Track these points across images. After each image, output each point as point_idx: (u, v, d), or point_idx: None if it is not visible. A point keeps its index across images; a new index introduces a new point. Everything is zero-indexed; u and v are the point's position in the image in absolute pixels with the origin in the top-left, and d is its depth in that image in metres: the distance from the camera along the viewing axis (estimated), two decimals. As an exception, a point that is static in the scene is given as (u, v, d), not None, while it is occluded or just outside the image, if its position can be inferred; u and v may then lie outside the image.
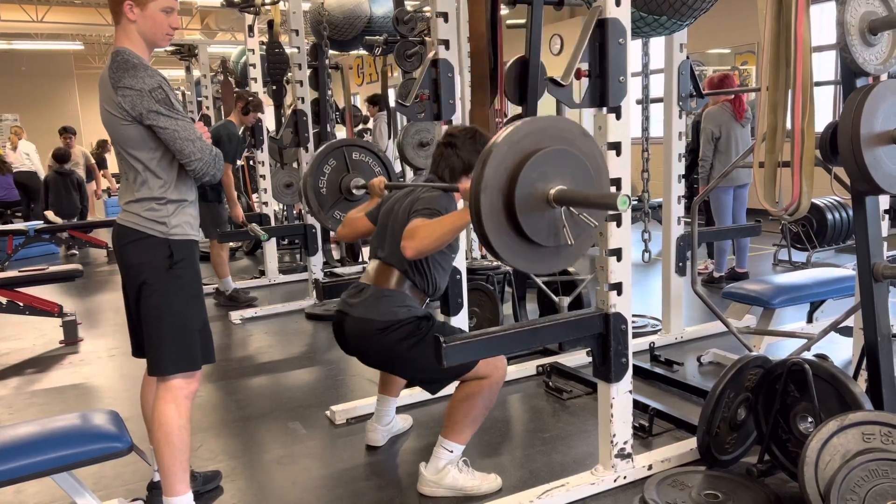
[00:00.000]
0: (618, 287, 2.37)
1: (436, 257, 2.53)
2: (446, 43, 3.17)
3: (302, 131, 5.14)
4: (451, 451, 2.48)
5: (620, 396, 2.43)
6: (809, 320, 3.88)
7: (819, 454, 2.13)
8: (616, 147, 2.32)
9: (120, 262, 2.22)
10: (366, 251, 7.20)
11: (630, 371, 2.44)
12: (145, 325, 2.17)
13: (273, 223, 6.38)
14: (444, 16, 3.15)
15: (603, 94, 2.27)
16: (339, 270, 6.43)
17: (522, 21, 3.81)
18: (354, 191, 3.37)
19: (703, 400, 3.20)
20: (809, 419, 2.38)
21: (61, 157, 8.83)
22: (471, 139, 2.56)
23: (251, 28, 5.88)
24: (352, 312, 2.52)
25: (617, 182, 2.32)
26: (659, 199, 4.14)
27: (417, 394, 3.28)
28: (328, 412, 3.24)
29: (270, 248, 6.26)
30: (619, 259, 2.36)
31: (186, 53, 8.89)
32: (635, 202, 4.79)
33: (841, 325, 2.75)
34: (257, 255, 7.75)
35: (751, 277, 5.57)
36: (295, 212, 8.49)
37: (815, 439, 2.15)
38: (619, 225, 2.34)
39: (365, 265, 6.82)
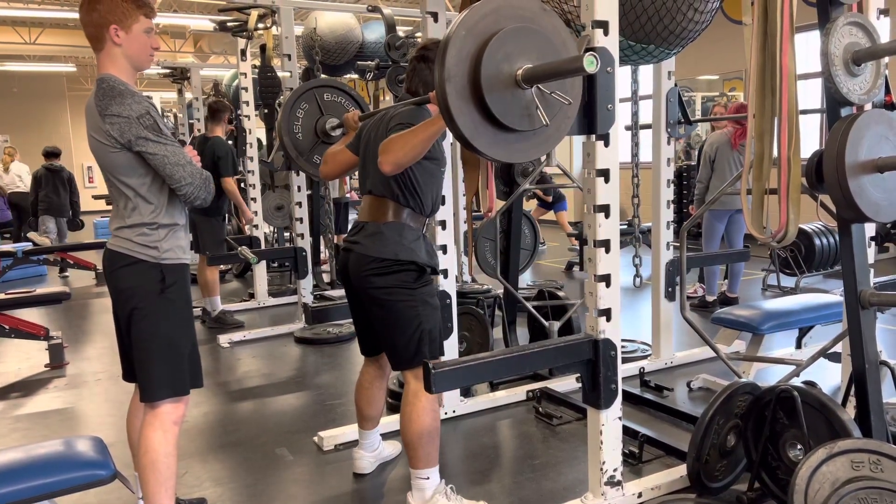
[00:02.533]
0: (607, 313, 2.37)
1: (422, 172, 2.45)
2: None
3: (294, 154, 5.15)
4: (428, 478, 2.45)
5: (610, 423, 2.41)
6: (798, 346, 3.89)
7: (808, 482, 2.12)
8: (605, 174, 2.33)
9: (111, 287, 2.20)
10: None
11: (620, 397, 2.43)
12: (135, 350, 2.15)
13: (263, 245, 6.37)
14: (434, 15, 3.18)
15: (591, 122, 2.27)
16: (329, 293, 6.42)
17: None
18: (331, 132, 3.29)
19: (693, 426, 3.21)
20: (799, 446, 2.37)
21: (51, 153, 8.84)
22: None
23: (244, 52, 5.91)
24: (354, 249, 2.48)
25: (606, 209, 2.33)
26: (649, 224, 4.17)
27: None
28: (316, 438, 3.21)
29: (260, 271, 6.25)
30: (608, 285, 2.36)
31: (179, 76, 8.93)
32: (624, 227, 4.81)
33: (829, 351, 2.76)
34: (247, 278, 7.72)
35: (740, 302, 5.60)
36: (287, 234, 8.49)
37: (804, 467, 2.14)
38: (608, 251, 2.34)
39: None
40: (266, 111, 6.33)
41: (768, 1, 2.28)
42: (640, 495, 2.54)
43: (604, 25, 2.24)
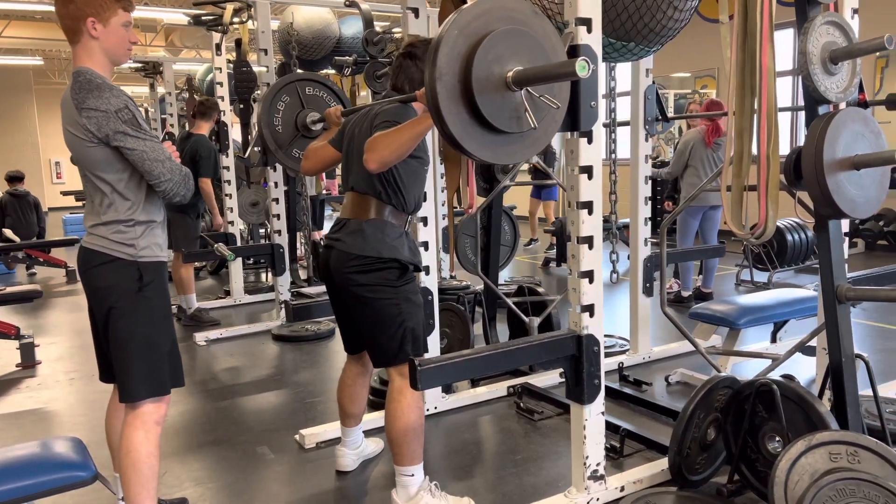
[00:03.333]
0: (590, 309, 2.38)
1: (406, 170, 2.44)
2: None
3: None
4: (413, 475, 2.44)
5: (593, 418, 2.43)
6: (773, 340, 3.95)
7: (788, 474, 2.16)
8: (588, 171, 2.34)
9: (86, 286, 2.16)
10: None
11: (602, 392, 2.45)
12: (114, 350, 2.11)
13: (238, 242, 6.31)
14: (416, 11, 3.16)
15: (574, 119, 2.28)
16: (306, 290, 6.38)
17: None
18: (312, 126, 3.26)
19: (672, 420, 3.26)
20: (777, 439, 2.41)
21: (14, 178, 8.63)
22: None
23: (218, 46, 5.83)
24: (336, 246, 2.46)
25: (589, 205, 2.34)
26: (625, 220, 4.20)
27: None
28: (297, 436, 3.19)
29: (236, 268, 6.18)
30: (591, 281, 2.37)
31: (151, 70, 8.79)
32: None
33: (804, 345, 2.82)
34: (221, 275, 7.64)
35: (714, 297, 5.68)
36: (262, 231, 8.41)
37: (784, 459, 2.18)
38: (591, 247, 2.36)
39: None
40: (241, 106, 6.27)
41: (748, 0, 2.31)
42: (622, 489, 2.56)
43: (587, 23, 2.25)
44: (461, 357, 2.19)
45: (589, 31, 2.26)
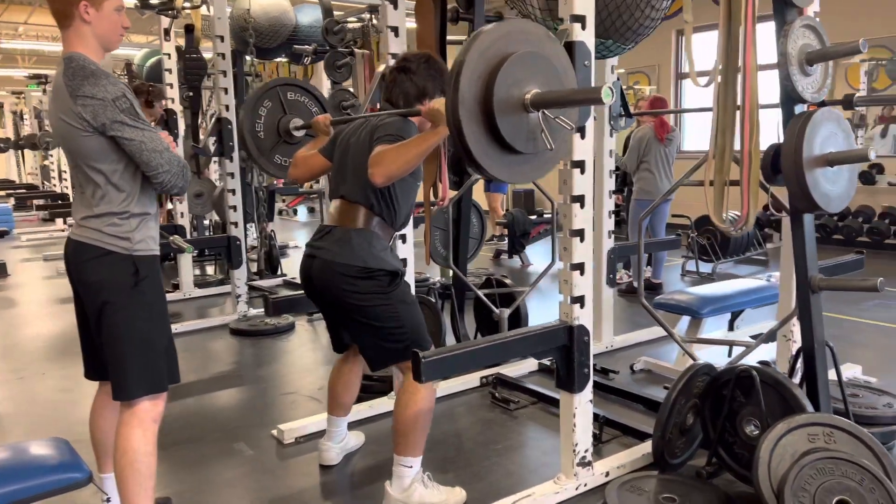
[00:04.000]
0: (581, 300, 2.45)
1: (402, 185, 2.45)
2: (398, 56, 3.16)
3: (226, 140, 4.97)
4: (411, 467, 2.46)
5: (583, 406, 2.50)
6: (731, 328, 4.13)
7: (771, 454, 2.28)
8: (580, 165, 2.39)
9: (77, 281, 2.07)
10: (284, 262, 7.07)
11: (591, 381, 2.51)
12: (108, 347, 2.03)
13: (188, 235, 6.14)
14: (395, 30, 3.15)
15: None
16: (257, 283, 6.27)
17: (461, 38, 3.88)
18: (294, 132, 3.24)
19: (640, 406, 3.38)
20: (755, 422, 2.53)
21: None
22: (425, 63, 2.50)
23: (167, 31, 5.65)
24: (319, 255, 2.44)
25: (580, 199, 2.40)
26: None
27: (366, 410, 3.25)
28: (275, 431, 3.14)
29: (186, 261, 6.01)
30: (582, 273, 2.43)
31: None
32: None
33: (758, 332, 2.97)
34: (165, 268, 7.40)
35: (664, 287, 5.88)
36: (206, 222, 8.19)
37: (766, 441, 2.30)
38: (582, 240, 2.42)
39: (284, 277, 6.68)
40: (191, 94, 6.09)
41: (732, 1, 2.40)
42: (607, 474, 2.64)
43: (581, 20, 2.30)
44: (462, 349, 2.22)
45: (583, 27, 2.31)
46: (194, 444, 3.10)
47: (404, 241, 3.16)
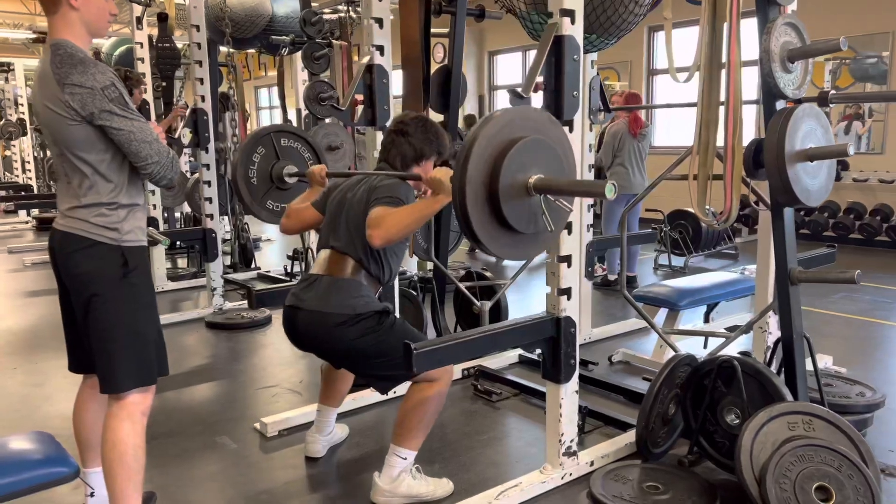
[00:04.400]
0: (568, 292, 2.47)
1: (392, 246, 2.48)
2: (381, 48, 3.16)
3: (202, 131, 4.90)
4: (405, 459, 2.47)
5: (569, 396, 2.53)
6: (706, 320, 4.21)
7: (753, 442, 2.34)
8: (568, 158, 2.42)
9: (64, 272, 2.03)
10: (258, 256, 7.01)
11: (577, 372, 2.55)
12: (95, 340, 2.00)
13: (160, 227, 6.05)
14: (380, 21, 3.14)
15: (558, 108, 2.35)
16: (231, 276, 6.20)
17: (444, 30, 3.89)
18: (287, 178, 3.26)
19: (620, 397, 3.43)
20: (735, 412, 2.59)
21: None
22: (422, 127, 2.57)
23: (139, 20, 5.54)
24: (304, 306, 2.44)
25: (568, 192, 2.42)
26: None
27: (349, 402, 3.25)
28: (258, 424, 3.13)
29: (159, 254, 5.92)
30: (569, 265, 2.46)
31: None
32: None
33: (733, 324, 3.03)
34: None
35: (638, 281, 5.96)
36: (178, 215, 8.08)
37: (748, 429, 2.35)
38: (570, 233, 2.44)
39: (258, 270, 6.63)
40: (164, 84, 5.99)
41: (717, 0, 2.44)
42: (591, 463, 2.68)
43: (571, 14, 2.32)
44: (453, 340, 2.24)
45: (573, 22, 2.33)
46: (176, 438, 3.07)
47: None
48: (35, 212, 10.35)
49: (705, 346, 3.73)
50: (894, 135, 7.52)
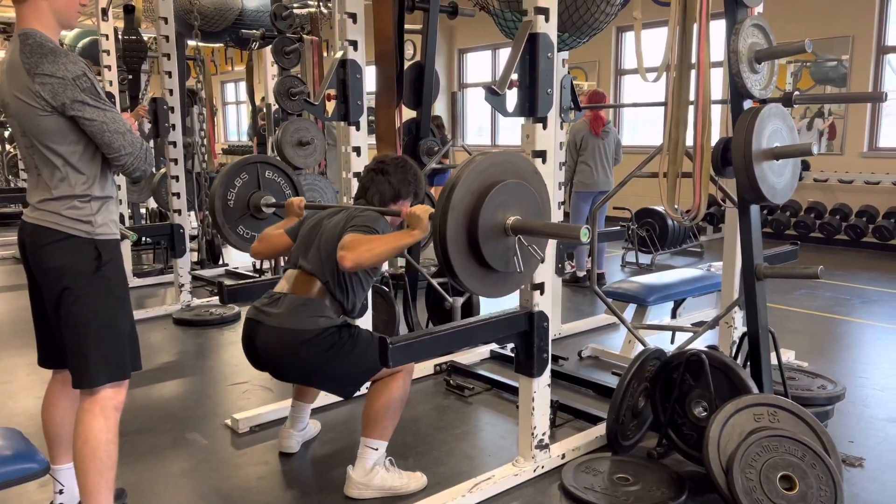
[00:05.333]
0: (541, 287, 2.50)
1: (360, 275, 2.53)
2: (355, 44, 3.15)
3: (162, 121, 4.81)
4: (377, 450, 2.48)
5: (541, 390, 2.56)
6: (674, 316, 4.28)
7: (720, 434, 2.39)
8: (542, 155, 2.45)
9: (35, 266, 2.00)
10: (225, 252, 6.93)
11: (549, 366, 2.58)
12: (68, 334, 1.97)
13: (126, 223, 5.96)
14: (353, 16, 3.14)
15: (532, 105, 2.39)
16: (198, 272, 6.14)
17: (416, 27, 3.89)
18: (264, 209, 3.30)
19: (590, 391, 3.48)
20: (703, 404, 2.64)
21: None
22: (401, 168, 2.63)
23: (105, 11, 5.44)
24: (267, 322, 2.43)
25: (542, 188, 2.45)
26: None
27: (321, 398, 3.23)
28: (229, 421, 3.10)
29: (125, 250, 5.82)
30: (542, 261, 2.49)
31: (12, 33, 8.02)
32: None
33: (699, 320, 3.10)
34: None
35: (606, 278, 6.04)
36: (143, 210, 7.96)
37: (715, 421, 2.41)
38: (543, 228, 2.47)
39: (226, 266, 6.56)
40: (130, 77, 5.90)
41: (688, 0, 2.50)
42: (563, 456, 2.71)
43: (545, 12, 2.35)
44: (429, 334, 2.25)
45: (546, 20, 2.36)
46: (146, 435, 3.03)
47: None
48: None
49: (672, 341, 3.80)
50: (853, 137, 7.73)
